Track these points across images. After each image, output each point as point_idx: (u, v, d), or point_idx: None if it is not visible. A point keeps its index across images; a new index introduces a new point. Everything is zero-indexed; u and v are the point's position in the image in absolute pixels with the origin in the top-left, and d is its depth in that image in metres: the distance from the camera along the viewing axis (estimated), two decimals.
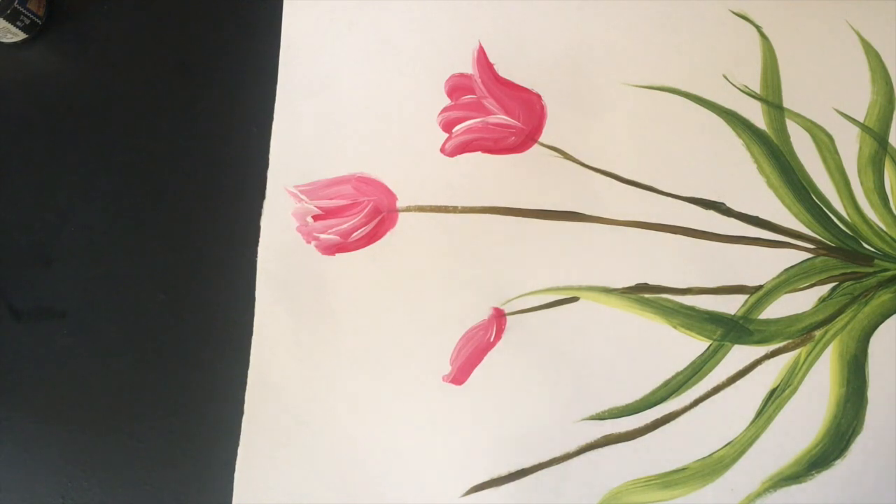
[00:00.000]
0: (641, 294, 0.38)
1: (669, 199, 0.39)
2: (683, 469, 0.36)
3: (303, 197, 0.40)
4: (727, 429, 0.36)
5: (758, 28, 0.40)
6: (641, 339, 0.37)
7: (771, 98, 0.39)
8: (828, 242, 0.38)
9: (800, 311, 0.37)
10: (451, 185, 0.39)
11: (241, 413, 0.38)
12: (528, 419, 0.37)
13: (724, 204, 0.38)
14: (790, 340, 0.37)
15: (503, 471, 0.37)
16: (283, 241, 0.40)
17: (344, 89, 0.41)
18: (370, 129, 0.40)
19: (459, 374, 0.38)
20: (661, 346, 0.37)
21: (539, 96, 0.40)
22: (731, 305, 0.37)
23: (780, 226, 0.38)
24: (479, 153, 0.40)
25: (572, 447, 0.37)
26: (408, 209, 0.39)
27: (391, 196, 0.40)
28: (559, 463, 0.37)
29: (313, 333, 0.39)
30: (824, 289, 0.37)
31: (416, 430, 0.38)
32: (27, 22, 0.42)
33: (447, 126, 0.40)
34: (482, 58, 0.40)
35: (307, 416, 0.38)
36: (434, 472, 0.37)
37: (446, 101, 0.40)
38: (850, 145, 0.39)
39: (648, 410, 0.37)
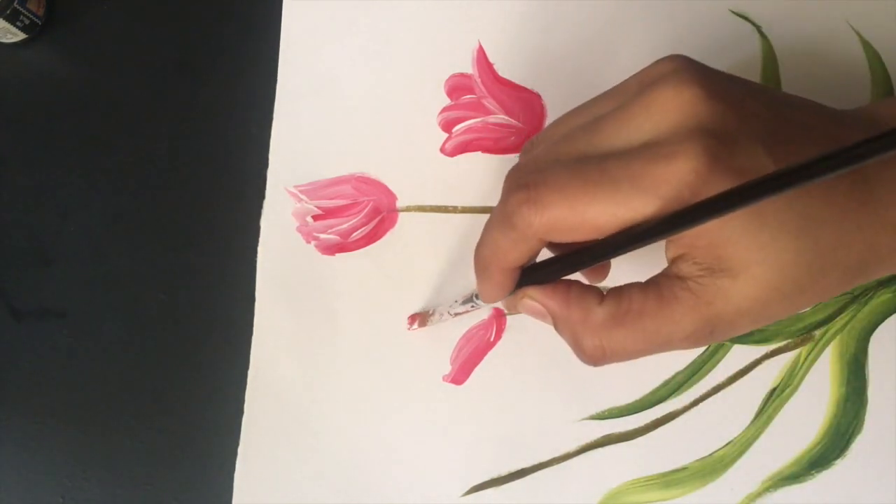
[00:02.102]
0: None
1: None
2: (683, 469, 0.36)
3: (303, 197, 0.40)
4: (727, 429, 0.36)
5: (758, 28, 0.40)
6: None
7: None
8: None
9: (799, 311, 0.37)
10: (451, 185, 0.39)
11: (241, 413, 0.38)
12: (528, 419, 0.37)
13: None
14: (790, 340, 0.37)
15: (503, 471, 0.37)
16: (283, 241, 0.40)
17: (344, 89, 0.41)
18: (370, 129, 0.40)
19: (459, 374, 0.38)
20: None
21: (539, 96, 0.40)
22: None
23: None
24: (479, 153, 0.40)
25: (572, 447, 0.37)
26: (408, 209, 0.39)
27: (391, 196, 0.40)
28: (559, 463, 0.37)
29: (313, 333, 0.39)
30: None
31: (416, 430, 0.38)
32: (27, 22, 0.42)
33: (447, 126, 0.40)
34: (482, 58, 0.40)
35: (307, 416, 0.38)
36: (434, 472, 0.37)
37: (446, 101, 0.40)
38: None
39: (648, 410, 0.37)
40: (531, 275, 0.29)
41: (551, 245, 0.29)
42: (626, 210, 0.24)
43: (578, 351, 0.28)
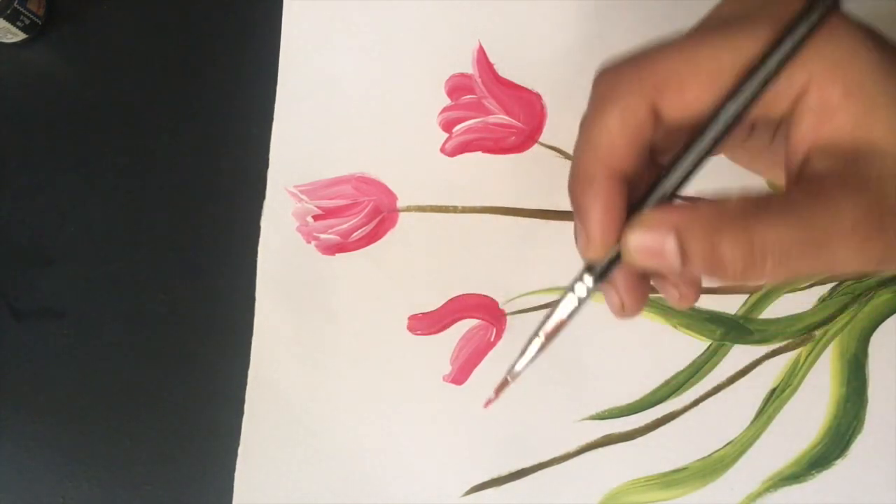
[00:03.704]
0: None
1: None
2: (683, 469, 0.36)
3: (303, 197, 0.40)
4: (727, 429, 0.36)
5: None
6: (641, 339, 0.37)
7: None
8: None
9: (800, 311, 0.37)
10: (451, 185, 0.39)
11: (241, 413, 0.38)
12: (528, 419, 0.37)
13: None
14: (790, 340, 0.37)
15: (503, 471, 0.37)
16: (283, 241, 0.40)
17: (344, 89, 0.41)
18: (370, 129, 0.40)
19: (459, 374, 0.38)
20: (661, 346, 0.37)
21: (539, 96, 0.40)
22: (731, 305, 0.37)
23: None
24: (479, 153, 0.40)
25: (572, 447, 0.37)
26: (408, 209, 0.39)
27: (391, 196, 0.40)
28: (559, 463, 0.37)
29: (313, 333, 0.39)
30: (824, 288, 0.37)
31: (416, 430, 0.38)
32: (27, 22, 0.42)
33: (447, 126, 0.40)
34: (482, 58, 0.40)
35: (307, 416, 0.38)
36: (434, 472, 0.37)
37: (446, 101, 0.40)
38: None
39: (648, 410, 0.37)
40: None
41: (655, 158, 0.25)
42: (743, 46, 0.22)
43: (716, 262, 0.21)
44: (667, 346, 0.37)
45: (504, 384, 0.29)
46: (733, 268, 0.21)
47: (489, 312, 0.38)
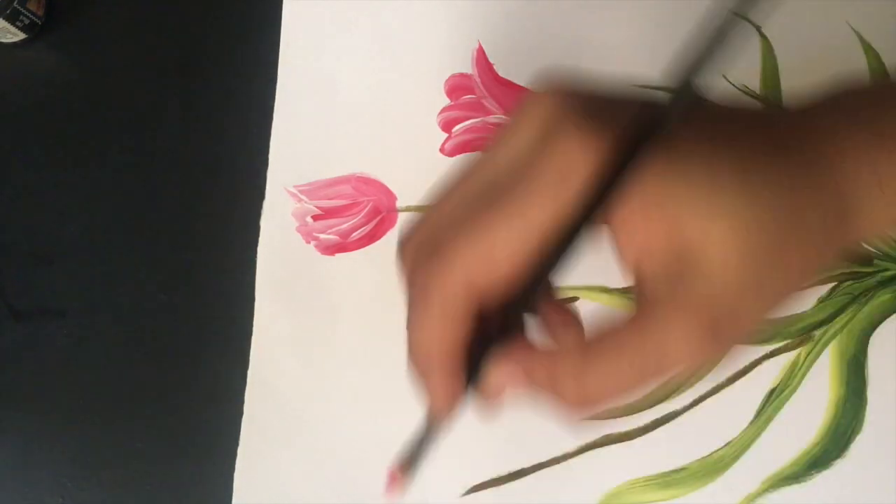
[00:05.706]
0: None
1: None
2: (683, 469, 0.36)
3: (302, 197, 0.40)
4: (727, 429, 0.36)
5: (757, 28, 0.40)
6: None
7: (771, 98, 0.39)
8: None
9: (799, 311, 0.37)
10: None
11: (241, 413, 0.38)
12: (527, 419, 0.37)
13: None
14: (790, 340, 0.37)
15: (503, 471, 0.37)
16: (283, 241, 0.40)
17: (344, 89, 0.41)
18: (370, 128, 0.40)
19: None
20: None
21: None
22: None
23: None
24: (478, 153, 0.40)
25: (572, 447, 0.37)
26: (408, 209, 0.39)
27: (391, 196, 0.40)
28: (559, 463, 0.37)
29: (313, 333, 0.39)
30: (824, 289, 0.37)
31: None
32: (27, 22, 0.42)
33: (447, 126, 0.40)
34: (482, 58, 0.40)
35: (307, 416, 0.38)
36: (434, 472, 0.37)
37: (446, 101, 0.40)
38: None
39: (648, 410, 0.37)
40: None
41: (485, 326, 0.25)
42: (530, 219, 0.22)
43: (557, 407, 0.24)
44: None
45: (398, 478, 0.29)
46: (575, 411, 0.23)
47: None
